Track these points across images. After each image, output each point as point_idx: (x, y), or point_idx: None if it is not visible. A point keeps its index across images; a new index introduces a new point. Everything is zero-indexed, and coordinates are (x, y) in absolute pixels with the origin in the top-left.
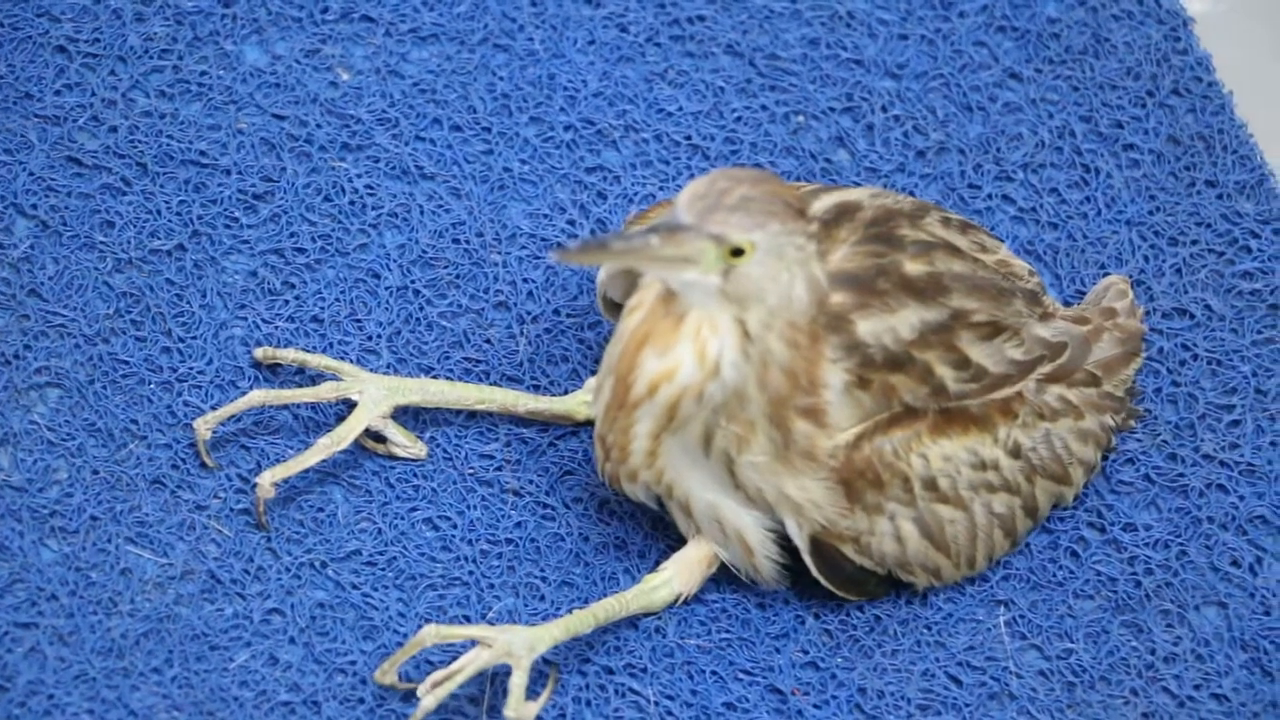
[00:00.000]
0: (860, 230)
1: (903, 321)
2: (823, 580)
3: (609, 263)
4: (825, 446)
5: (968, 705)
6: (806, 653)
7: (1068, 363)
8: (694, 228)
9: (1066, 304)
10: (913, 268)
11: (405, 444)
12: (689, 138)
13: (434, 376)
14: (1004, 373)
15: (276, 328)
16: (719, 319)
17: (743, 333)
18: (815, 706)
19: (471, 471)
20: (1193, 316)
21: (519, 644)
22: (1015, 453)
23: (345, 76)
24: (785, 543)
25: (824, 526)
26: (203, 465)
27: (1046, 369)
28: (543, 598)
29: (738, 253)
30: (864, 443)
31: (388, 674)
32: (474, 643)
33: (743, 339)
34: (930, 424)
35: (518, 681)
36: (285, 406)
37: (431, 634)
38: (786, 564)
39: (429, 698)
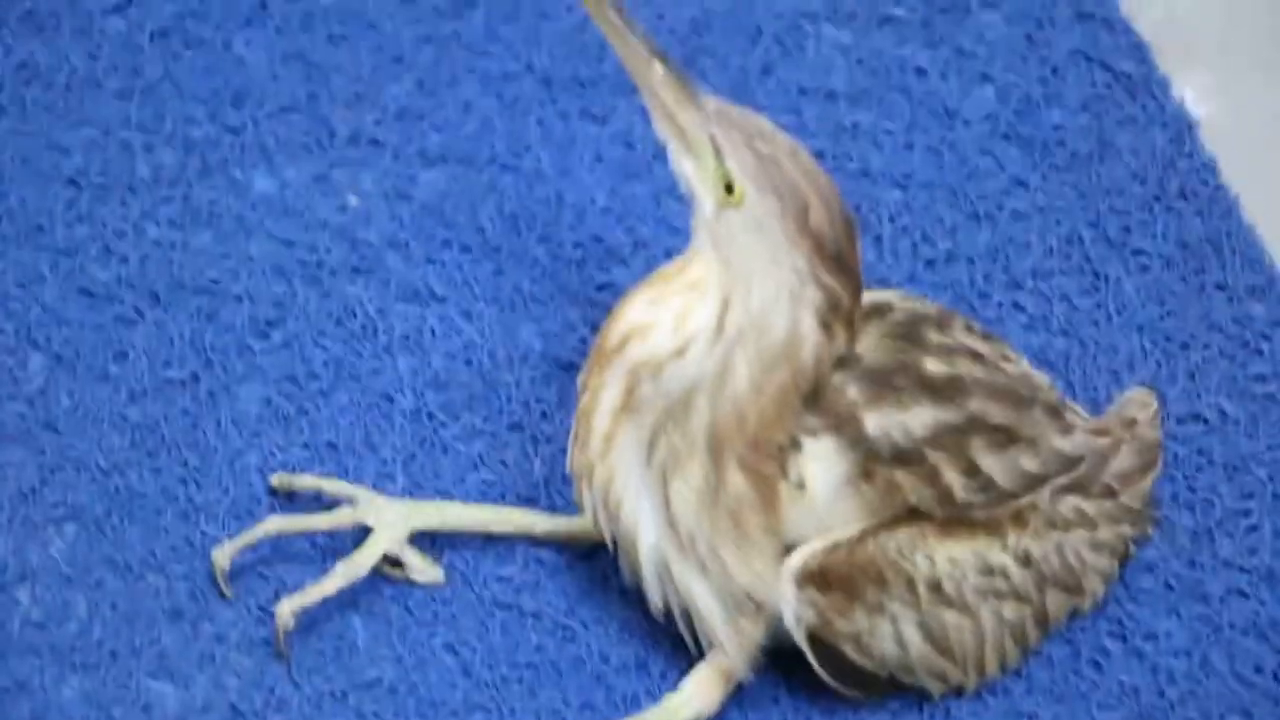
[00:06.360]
0: (888, 328)
1: (915, 419)
2: (826, 677)
3: (604, 30)
4: (758, 523)
5: None
6: None
7: (1082, 477)
8: (702, 111)
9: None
10: (934, 368)
11: (422, 569)
12: None
13: (451, 499)
14: (1012, 489)
15: (291, 454)
16: (710, 285)
17: (718, 324)
18: None
19: (490, 595)
20: (1207, 421)
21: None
22: (1025, 561)
23: (354, 201)
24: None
25: (821, 622)
26: (221, 595)
27: (1062, 481)
28: None
29: (730, 189)
30: (868, 539)
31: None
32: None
33: (716, 330)
34: (937, 525)
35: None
36: (302, 533)
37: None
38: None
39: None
